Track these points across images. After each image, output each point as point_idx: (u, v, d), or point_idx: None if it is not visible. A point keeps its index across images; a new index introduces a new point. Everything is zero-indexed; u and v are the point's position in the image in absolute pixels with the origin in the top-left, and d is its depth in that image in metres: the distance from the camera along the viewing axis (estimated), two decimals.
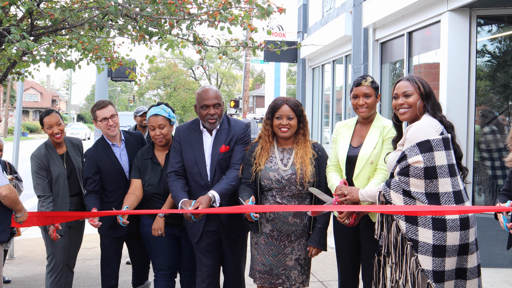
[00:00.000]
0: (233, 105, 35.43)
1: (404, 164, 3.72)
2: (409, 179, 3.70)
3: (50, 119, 5.25)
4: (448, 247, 3.64)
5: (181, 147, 4.75)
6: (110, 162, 5.26)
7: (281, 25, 19.00)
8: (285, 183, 4.38)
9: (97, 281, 6.91)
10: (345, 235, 4.66)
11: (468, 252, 3.74)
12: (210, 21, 5.53)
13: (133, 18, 5.48)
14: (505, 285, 6.74)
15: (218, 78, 69.72)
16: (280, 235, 4.44)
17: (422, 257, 3.67)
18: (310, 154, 4.44)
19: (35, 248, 8.77)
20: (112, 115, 5.23)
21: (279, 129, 4.45)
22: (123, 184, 5.23)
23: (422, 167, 3.65)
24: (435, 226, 3.64)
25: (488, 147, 7.83)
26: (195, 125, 4.82)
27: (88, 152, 5.34)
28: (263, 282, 4.48)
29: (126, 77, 10.45)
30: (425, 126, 3.76)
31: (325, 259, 7.99)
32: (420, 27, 8.73)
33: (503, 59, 8.06)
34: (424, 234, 3.66)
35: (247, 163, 4.55)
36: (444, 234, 3.63)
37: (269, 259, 4.45)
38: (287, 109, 4.42)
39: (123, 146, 5.34)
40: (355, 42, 10.89)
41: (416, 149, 3.68)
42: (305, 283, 4.53)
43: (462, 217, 3.69)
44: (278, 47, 6.00)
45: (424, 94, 3.89)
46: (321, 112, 14.24)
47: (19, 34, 4.69)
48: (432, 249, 3.64)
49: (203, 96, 4.65)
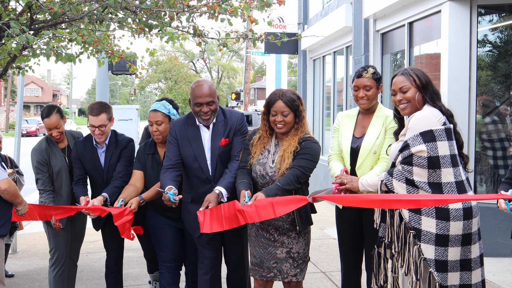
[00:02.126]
0: (234, 98, 35.52)
1: (407, 153, 3.69)
2: (413, 168, 3.68)
3: (49, 122, 5.22)
4: (451, 237, 3.63)
5: (178, 143, 4.67)
6: (91, 159, 5.27)
7: (282, 17, 18.96)
8: (268, 180, 4.33)
9: (100, 274, 6.94)
10: (348, 225, 4.66)
11: (471, 242, 3.73)
12: (210, 13, 5.52)
13: (132, 11, 5.47)
14: (508, 274, 6.75)
15: (219, 71, 69.66)
16: (269, 228, 4.41)
17: (425, 246, 3.65)
18: (293, 148, 4.31)
19: (38, 242, 8.80)
20: (101, 125, 5.11)
21: (275, 125, 4.36)
22: (99, 184, 5.27)
23: (425, 157, 3.63)
24: (438, 215, 3.63)
25: (490, 137, 7.83)
26: (191, 120, 4.73)
27: (77, 142, 5.34)
28: (254, 274, 4.47)
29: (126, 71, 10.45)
30: (427, 115, 3.74)
31: (328, 250, 8.02)
32: (420, 17, 8.70)
33: (504, 49, 8.04)
34: (427, 223, 3.65)
35: (246, 148, 4.52)
36: (447, 224, 3.62)
37: (259, 251, 4.43)
38: (281, 105, 4.29)
39: (104, 149, 5.29)
40: (356, 33, 10.86)
41: (420, 138, 3.66)
42: (298, 276, 4.42)
43: (466, 207, 3.68)
44: (279, 39, 5.98)
45: (421, 86, 3.86)
46: (322, 104, 14.22)
47: (18, 28, 4.68)
48: (435, 238, 3.63)
49: (196, 94, 4.53)
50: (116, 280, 5.56)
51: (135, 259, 7.58)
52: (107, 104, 5.27)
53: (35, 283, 6.77)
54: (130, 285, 6.38)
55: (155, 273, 5.83)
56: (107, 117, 5.15)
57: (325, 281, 6.59)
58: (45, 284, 6.65)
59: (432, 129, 3.66)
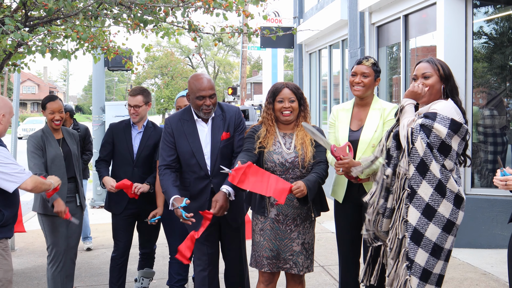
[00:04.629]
0: (231, 92, 35.44)
1: (430, 123, 3.63)
2: (430, 137, 3.65)
3: (53, 105, 5.40)
4: (437, 214, 3.63)
5: (175, 139, 4.64)
6: (124, 138, 5.53)
7: (277, 11, 18.96)
8: (289, 166, 4.35)
9: (99, 271, 6.95)
10: (347, 218, 4.66)
11: (450, 232, 3.70)
12: (205, 8, 5.51)
13: (127, 7, 5.46)
14: (505, 265, 6.75)
15: (215, 66, 69.56)
16: (286, 219, 4.40)
17: (412, 210, 3.66)
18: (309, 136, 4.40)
19: (36, 240, 8.80)
20: (136, 105, 5.49)
21: (281, 113, 4.39)
22: (128, 163, 5.49)
23: (440, 138, 3.63)
24: (437, 187, 3.63)
25: (486, 129, 7.83)
26: (187, 115, 4.68)
27: (112, 124, 5.72)
28: (272, 268, 4.43)
29: (122, 67, 10.44)
30: (455, 109, 3.73)
31: (326, 243, 8.03)
32: (416, 10, 8.70)
33: (500, 41, 8.05)
34: (424, 189, 3.65)
35: (250, 138, 4.48)
36: (440, 199, 3.63)
37: (275, 244, 4.41)
38: (288, 92, 4.38)
39: (141, 130, 5.56)
40: (351, 26, 10.85)
41: (448, 122, 3.64)
42: (310, 268, 4.50)
43: (458, 195, 3.68)
44: (274, 33, 5.98)
45: (443, 77, 3.86)
46: (319, 97, 14.21)
47: (13, 25, 4.68)
48: (424, 206, 3.63)
49: (199, 87, 4.49)
50: (120, 273, 5.62)
51: (133, 256, 7.58)
52: (147, 90, 5.65)
53: (33, 280, 6.77)
54: (130, 282, 6.37)
55: (145, 269, 5.86)
56: (143, 100, 5.52)
57: (324, 275, 6.60)
58: (43, 281, 6.65)
59: (462, 123, 3.67)
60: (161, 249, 7.88)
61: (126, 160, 5.49)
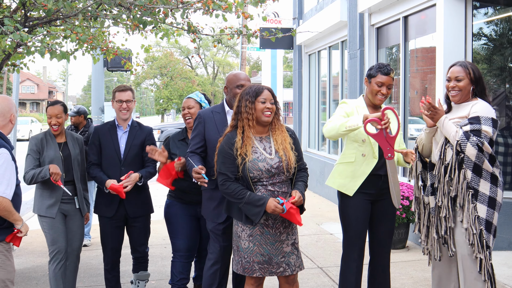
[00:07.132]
0: None
1: (477, 127, 4.17)
2: (483, 141, 4.15)
3: (51, 110, 5.43)
4: (497, 202, 4.23)
5: (205, 129, 4.89)
6: (110, 139, 5.53)
7: (277, 12, 18.93)
8: (275, 172, 4.33)
9: (98, 271, 6.94)
10: (358, 210, 4.81)
11: (498, 210, 4.31)
12: (204, 9, 5.51)
13: (126, 8, 5.46)
14: (505, 267, 6.77)
15: (215, 66, 69.59)
16: (275, 223, 4.39)
17: (480, 206, 4.20)
18: (289, 139, 4.46)
19: (34, 240, 8.79)
20: (128, 100, 5.52)
21: (262, 113, 4.35)
22: (116, 163, 5.50)
23: (489, 137, 4.17)
24: (492, 179, 4.22)
25: None
26: (219, 108, 5.02)
27: (97, 126, 5.74)
28: (264, 272, 4.39)
29: (122, 67, 10.43)
30: (491, 108, 4.28)
31: (325, 245, 8.03)
32: (415, 11, 8.70)
33: (500, 42, 8.05)
34: (484, 186, 4.20)
35: (227, 157, 4.37)
36: (496, 189, 4.23)
37: (267, 249, 4.38)
38: (268, 93, 4.40)
39: (127, 130, 5.57)
40: (351, 28, 10.85)
41: (490, 122, 4.19)
42: (301, 266, 4.53)
43: (494, 175, 4.28)
44: (273, 35, 5.98)
45: (474, 80, 4.33)
46: (318, 99, 14.20)
47: (13, 25, 4.68)
48: (488, 199, 4.19)
49: (239, 77, 4.93)
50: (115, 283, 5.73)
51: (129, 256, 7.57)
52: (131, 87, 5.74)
53: (32, 281, 6.76)
54: (127, 282, 6.37)
55: (140, 272, 5.85)
56: (132, 96, 5.60)
57: (322, 277, 6.59)
58: (42, 282, 6.65)
59: (498, 120, 4.26)
60: (160, 250, 7.89)
61: (113, 161, 5.51)
